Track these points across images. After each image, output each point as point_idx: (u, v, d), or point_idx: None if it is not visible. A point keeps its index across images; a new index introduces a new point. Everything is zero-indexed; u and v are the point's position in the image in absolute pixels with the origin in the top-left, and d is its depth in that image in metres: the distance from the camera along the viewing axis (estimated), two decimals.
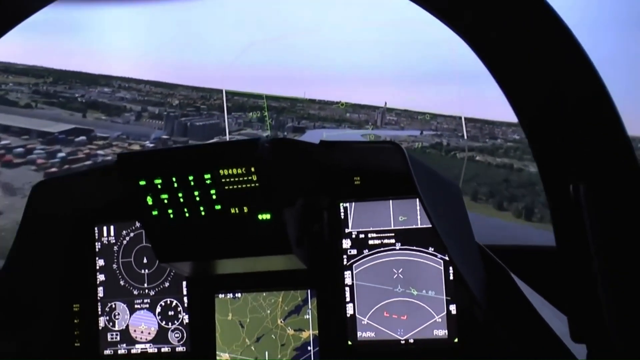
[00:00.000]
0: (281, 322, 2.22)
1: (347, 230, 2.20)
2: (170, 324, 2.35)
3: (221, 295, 2.28)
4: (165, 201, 1.99)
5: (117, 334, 2.39)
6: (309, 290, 2.21)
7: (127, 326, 2.38)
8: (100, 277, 2.40)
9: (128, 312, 2.38)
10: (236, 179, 1.91)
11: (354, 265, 2.19)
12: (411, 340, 2.12)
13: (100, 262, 2.40)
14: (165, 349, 2.34)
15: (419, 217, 2.15)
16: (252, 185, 1.91)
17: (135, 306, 2.38)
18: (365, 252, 2.18)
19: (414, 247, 2.14)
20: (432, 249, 2.12)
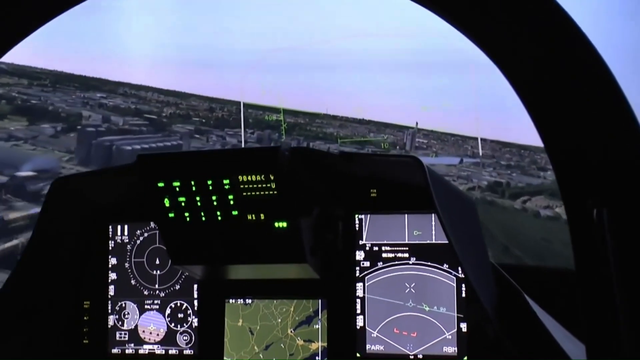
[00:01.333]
0: (291, 331, 2.22)
1: (361, 242, 2.19)
2: (179, 326, 2.35)
3: (232, 301, 2.28)
4: (183, 204, 2.00)
5: (125, 334, 2.39)
6: (320, 301, 2.20)
7: (136, 326, 2.38)
8: (112, 276, 2.41)
9: (138, 312, 2.39)
10: (255, 186, 1.92)
11: (366, 278, 2.18)
12: (420, 356, 2.11)
13: (113, 261, 2.41)
14: (172, 351, 2.34)
15: (433, 232, 2.14)
16: (271, 192, 1.91)
17: (145, 306, 2.38)
18: (379, 264, 2.17)
19: (427, 263, 2.14)
20: (447, 266, 2.11)
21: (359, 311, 2.18)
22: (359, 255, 2.19)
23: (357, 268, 2.19)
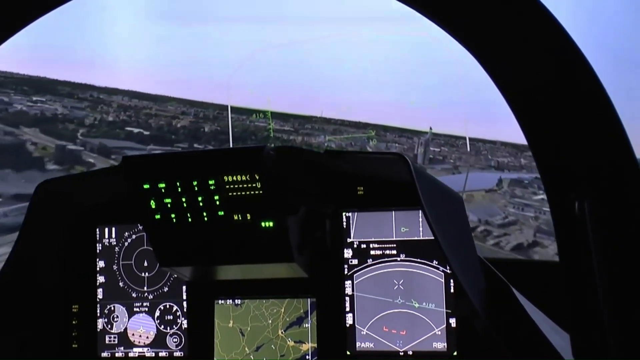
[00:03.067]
0: (282, 332, 2.21)
1: (348, 240, 2.19)
2: (168, 328, 2.34)
3: (222, 302, 2.27)
4: (169, 205, 1.99)
5: (115, 337, 2.38)
6: (309, 300, 2.20)
7: (126, 329, 2.37)
8: (100, 279, 2.40)
9: (127, 315, 2.38)
10: (240, 186, 1.91)
11: (354, 275, 2.18)
12: (410, 352, 2.12)
13: (101, 264, 2.40)
14: (162, 354, 2.33)
15: (421, 228, 2.14)
16: (256, 192, 1.91)
17: (134, 309, 2.37)
18: (368, 262, 2.17)
19: (416, 259, 2.14)
20: (436, 262, 2.12)
21: (348, 309, 2.17)
22: (347, 253, 2.19)
23: (346, 266, 2.19)
